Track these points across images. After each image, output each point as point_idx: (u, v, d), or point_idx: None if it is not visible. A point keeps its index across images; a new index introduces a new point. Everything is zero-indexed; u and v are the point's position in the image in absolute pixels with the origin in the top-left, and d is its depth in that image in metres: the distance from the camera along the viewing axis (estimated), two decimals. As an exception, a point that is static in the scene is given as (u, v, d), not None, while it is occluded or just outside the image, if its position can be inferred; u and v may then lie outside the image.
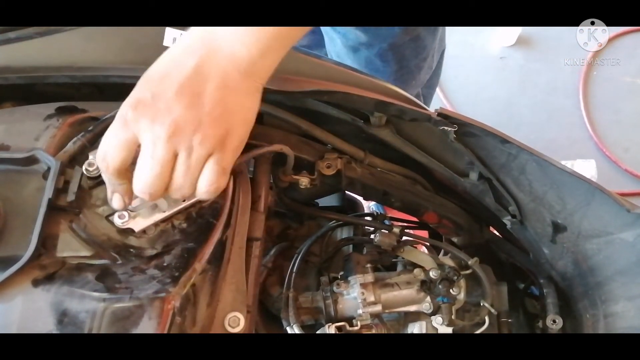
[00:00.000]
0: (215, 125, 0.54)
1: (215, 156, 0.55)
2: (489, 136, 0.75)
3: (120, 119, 0.54)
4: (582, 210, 0.77)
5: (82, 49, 0.68)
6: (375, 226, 0.92)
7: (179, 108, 0.52)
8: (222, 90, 0.54)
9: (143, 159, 0.54)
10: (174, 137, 0.52)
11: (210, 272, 0.63)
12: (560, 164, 0.75)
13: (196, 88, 0.53)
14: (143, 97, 0.53)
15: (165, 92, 0.53)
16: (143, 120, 0.52)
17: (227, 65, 0.54)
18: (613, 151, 2.15)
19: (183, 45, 0.56)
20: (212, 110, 0.54)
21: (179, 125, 0.52)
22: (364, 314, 0.79)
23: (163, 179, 0.54)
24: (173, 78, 0.53)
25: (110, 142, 0.54)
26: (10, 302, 0.53)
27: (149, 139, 0.53)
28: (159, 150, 0.53)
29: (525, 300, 0.96)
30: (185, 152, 0.53)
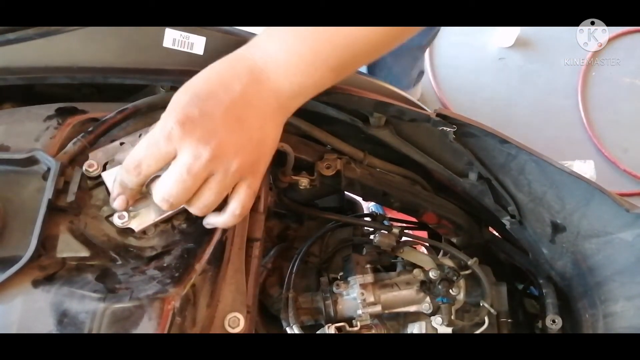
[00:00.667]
0: (252, 152, 0.56)
1: (248, 180, 0.57)
2: (488, 136, 0.75)
3: (164, 132, 0.53)
4: (581, 210, 0.77)
5: (82, 49, 0.68)
6: (375, 227, 0.92)
7: (224, 131, 0.54)
8: (262, 120, 0.57)
9: (177, 172, 0.54)
10: (215, 159, 0.54)
11: (210, 273, 0.63)
12: (559, 164, 0.75)
13: (241, 113, 0.55)
14: (191, 114, 0.53)
15: (213, 112, 0.54)
16: (189, 138, 0.53)
17: (269, 96, 0.57)
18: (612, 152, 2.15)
19: (230, 68, 0.57)
20: (252, 137, 0.56)
21: (222, 148, 0.54)
22: (363, 315, 0.79)
23: (190, 193, 0.55)
24: (221, 100, 0.54)
25: (150, 152, 0.55)
26: (10, 302, 0.53)
27: (191, 155, 0.53)
28: (197, 168, 0.53)
29: (524, 300, 0.96)
30: (222, 173, 0.55)
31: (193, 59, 0.67)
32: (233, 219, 0.58)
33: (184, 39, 0.67)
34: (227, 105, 0.54)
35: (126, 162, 0.57)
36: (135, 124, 0.68)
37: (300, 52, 0.57)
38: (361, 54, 0.60)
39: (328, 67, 0.58)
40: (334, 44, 0.57)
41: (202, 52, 0.67)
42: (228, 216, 0.58)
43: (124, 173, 0.57)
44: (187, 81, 0.56)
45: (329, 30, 0.57)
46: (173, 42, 0.67)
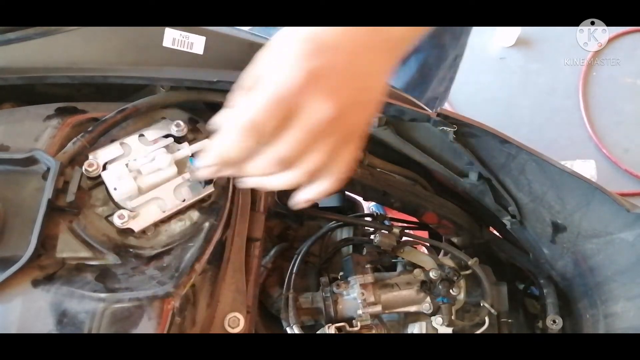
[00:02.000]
0: (368, 110, 0.51)
1: (357, 142, 0.51)
2: (488, 136, 0.75)
3: (291, 83, 0.45)
4: (581, 210, 0.77)
5: (82, 49, 0.68)
6: (375, 227, 0.92)
7: (349, 86, 0.47)
8: (380, 72, 0.50)
9: (298, 131, 0.46)
10: (338, 119, 0.47)
11: (210, 273, 0.63)
12: (560, 164, 0.75)
13: (363, 67, 0.48)
14: (319, 65, 0.45)
15: (337, 64, 0.46)
16: (316, 94, 0.45)
17: (384, 43, 0.50)
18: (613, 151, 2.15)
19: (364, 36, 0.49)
20: (371, 93, 0.50)
21: (346, 107, 0.47)
22: (364, 315, 0.79)
23: (305, 155, 0.48)
24: (345, 50, 0.47)
25: (272, 108, 0.45)
26: (10, 302, 0.53)
27: (314, 113, 0.46)
28: (320, 127, 0.46)
29: (525, 300, 0.95)
30: (340, 134, 0.48)
31: (193, 59, 0.67)
32: (336, 185, 0.51)
33: (183, 39, 0.67)
34: (352, 54, 0.47)
35: (239, 124, 0.47)
36: (135, 123, 0.68)
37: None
38: None
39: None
40: None
41: (202, 51, 0.67)
42: (332, 183, 0.51)
43: (232, 137, 0.47)
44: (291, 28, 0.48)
45: None
46: (173, 42, 0.67)
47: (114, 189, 0.61)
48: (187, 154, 0.65)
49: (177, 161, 0.64)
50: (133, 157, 0.64)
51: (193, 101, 0.71)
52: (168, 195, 0.63)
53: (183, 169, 0.65)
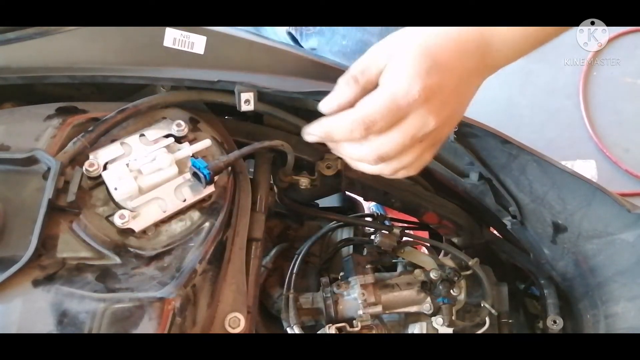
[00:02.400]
0: (455, 123, 0.60)
1: (438, 147, 0.60)
2: (489, 136, 0.75)
3: (408, 96, 0.53)
4: (582, 211, 0.77)
5: (82, 49, 0.68)
6: (376, 227, 0.92)
7: (454, 104, 0.56)
8: (473, 91, 0.59)
9: (403, 136, 0.55)
10: (437, 130, 0.55)
11: (210, 273, 0.63)
12: (561, 165, 0.75)
13: (466, 88, 0.57)
14: (433, 83, 0.53)
15: (448, 84, 0.54)
16: (426, 107, 0.53)
17: (488, 68, 0.58)
18: (613, 152, 2.15)
19: (464, 35, 0.56)
20: (463, 109, 0.59)
21: (445, 121, 0.56)
22: (364, 315, 0.79)
23: (401, 154, 0.57)
24: (454, 71, 0.54)
25: (388, 112, 0.54)
26: (10, 302, 0.53)
27: (420, 122, 0.54)
28: (421, 136, 0.55)
29: (525, 300, 0.95)
30: (431, 141, 0.58)
31: (193, 59, 0.67)
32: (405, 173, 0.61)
33: (184, 39, 0.66)
34: (459, 78, 0.55)
35: (353, 116, 0.55)
36: (135, 123, 0.67)
37: (526, 33, 0.57)
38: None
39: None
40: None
41: (202, 51, 0.67)
42: (407, 175, 0.61)
43: (344, 124, 0.56)
44: (407, 34, 0.55)
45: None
46: (173, 42, 0.67)
47: (115, 188, 0.61)
48: (187, 154, 0.65)
49: (177, 161, 0.64)
50: (134, 157, 0.64)
51: (194, 101, 0.71)
52: (169, 195, 0.63)
53: (184, 169, 0.65)
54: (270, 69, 0.70)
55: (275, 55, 0.72)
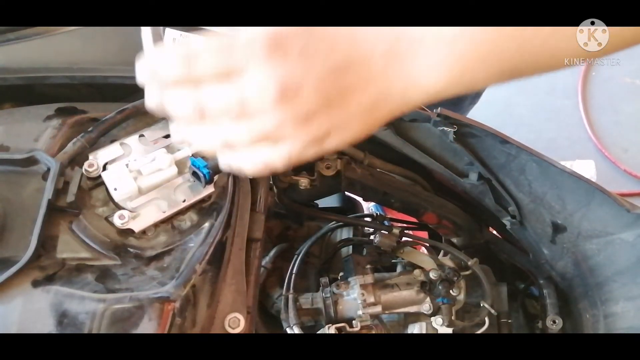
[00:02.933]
0: (320, 132, 0.44)
1: (287, 147, 0.44)
2: (488, 136, 0.75)
3: (248, 41, 0.41)
4: (581, 211, 0.77)
5: (81, 49, 0.68)
6: (375, 227, 0.92)
7: (313, 89, 0.41)
8: (369, 107, 0.44)
9: (232, 95, 0.41)
10: (277, 107, 0.41)
11: (210, 273, 0.63)
12: (560, 165, 0.75)
13: (351, 83, 0.42)
14: (290, 44, 0.41)
15: (316, 58, 0.41)
16: (268, 65, 0.40)
17: (400, 82, 0.43)
18: (612, 152, 2.15)
19: (373, 31, 0.42)
20: (340, 119, 0.44)
21: (297, 106, 0.41)
22: (364, 315, 0.79)
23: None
24: (338, 50, 0.42)
25: (217, 51, 0.41)
26: (9, 303, 0.53)
27: (257, 85, 0.41)
28: (255, 106, 0.41)
29: (525, 300, 0.95)
30: (271, 125, 0.42)
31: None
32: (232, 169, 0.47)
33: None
34: (339, 64, 0.42)
35: (176, 47, 0.43)
36: (135, 124, 0.68)
37: (475, 38, 0.43)
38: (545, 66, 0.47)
39: (499, 69, 0.44)
40: (520, 43, 0.44)
41: (202, 52, 0.67)
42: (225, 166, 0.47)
43: (168, 53, 0.43)
44: None
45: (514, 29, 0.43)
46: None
47: (114, 189, 0.61)
48: (187, 154, 0.65)
49: (177, 161, 0.64)
50: (133, 158, 0.64)
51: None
52: (168, 196, 0.63)
53: (183, 170, 0.65)
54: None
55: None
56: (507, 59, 0.44)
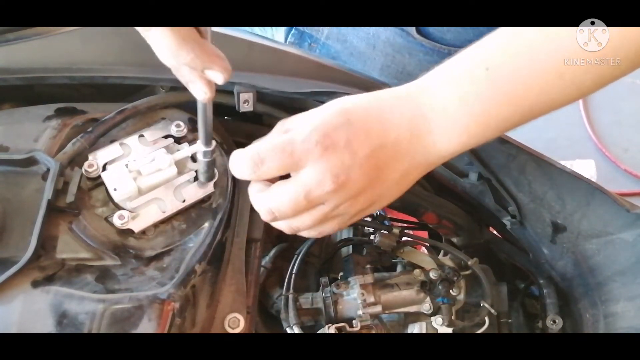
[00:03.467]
0: (369, 202, 0.54)
1: (345, 218, 0.56)
2: (488, 136, 0.75)
3: (305, 144, 0.50)
4: (581, 211, 0.77)
5: (81, 50, 0.68)
6: (375, 227, 0.92)
7: (358, 173, 0.51)
8: (401, 176, 0.54)
9: (295, 191, 0.52)
10: (335, 195, 0.52)
11: (210, 273, 0.63)
12: (560, 164, 0.75)
13: (383, 163, 0.52)
14: (337, 141, 0.50)
15: (358, 148, 0.50)
16: (323, 163, 0.50)
17: (421, 153, 0.53)
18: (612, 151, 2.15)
19: (395, 106, 0.53)
20: (381, 191, 0.54)
21: (347, 190, 0.51)
22: (364, 315, 0.79)
23: (295, 215, 0.54)
24: (371, 139, 0.51)
25: (279, 155, 0.51)
26: (9, 303, 0.53)
27: (316, 180, 0.51)
28: (315, 196, 0.51)
29: (525, 300, 0.95)
30: (331, 209, 0.53)
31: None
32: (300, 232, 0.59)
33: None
34: (375, 148, 0.51)
35: (248, 151, 0.52)
36: (134, 124, 0.68)
37: (473, 111, 0.51)
38: (538, 115, 0.55)
39: (498, 129, 0.54)
40: (514, 107, 0.52)
41: (201, 52, 0.67)
42: (308, 233, 0.59)
43: (239, 159, 0.53)
44: (342, 96, 0.54)
45: (509, 85, 0.51)
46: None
47: (114, 189, 0.61)
48: (187, 155, 0.65)
49: (177, 162, 0.64)
50: (133, 158, 0.64)
51: (193, 102, 0.71)
52: (168, 196, 0.63)
53: (183, 170, 0.65)
54: (269, 69, 0.70)
55: (275, 56, 0.72)
56: (504, 121, 0.53)
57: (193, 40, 0.50)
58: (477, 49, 0.53)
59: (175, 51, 0.50)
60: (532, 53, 0.50)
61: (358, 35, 1.08)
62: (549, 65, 0.50)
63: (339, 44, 1.11)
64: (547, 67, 0.50)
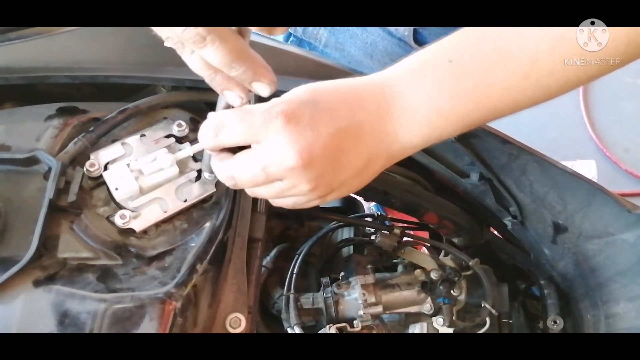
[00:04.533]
0: (329, 188, 0.53)
1: (305, 198, 0.54)
2: (489, 136, 0.75)
3: (266, 115, 0.49)
4: (583, 211, 0.77)
5: (83, 49, 0.68)
6: (376, 227, 0.92)
7: (320, 152, 0.50)
8: (363, 162, 0.52)
9: (255, 163, 0.51)
10: (294, 172, 0.50)
11: (211, 273, 0.63)
12: (561, 165, 0.75)
13: (347, 145, 0.51)
14: (301, 116, 0.49)
15: (321, 127, 0.50)
16: (284, 137, 0.49)
17: (384, 140, 0.52)
18: (613, 151, 2.14)
19: (362, 91, 0.53)
20: (341, 175, 0.52)
21: (307, 167, 0.50)
22: (365, 315, 0.79)
23: (255, 186, 0.54)
24: (336, 119, 0.50)
25: (240, 124, 0.50)
26: (11, 303, 0.53)
27: (276, 154, 0.50)
28: (274, 171, 0.51)
29: (526, 300, 0.95)
30: (290, 186, 0.52)
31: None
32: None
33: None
34: (338, 129, 0.50)
35: (209, 120, 0.53)
36: (136, 123, 0.68)
37: (437, 104, 0.51)
38: (501, 114, 0.54)
39: (460, 124, 0.53)
40: (476, 103, 0.51)
41: (203, 52, 0.67)
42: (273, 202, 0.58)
43: (203, 126, 0.53)
44: None
45: (472, 80, 0.50)
46: None
47: (116, 189, 0.61)
48: (188, 154, 0.65)
49: (178, 161, 0.64)
50: (134, 157, 0.64)
51: (194, 101, 0.71)
52: (169, 196, 0.63)
53: (185, 169, 0.65)
54: (270, 69, 0.70)
55: (275, 55, 0.72)
56: (465, 116, 0.52)
57: (246, 53, 0.50)
58: (443, 42, 0.52)
59: (228, 64, 0.49)
60: (498, 51, 0.50)
61: (356, 44, 1.08)
62: (515, 64, 0.49)
63: (337, 52, 1.11)
64: (513, 67, 0.49)
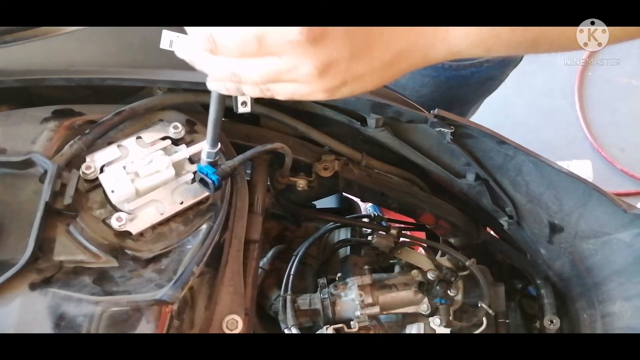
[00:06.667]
0: (346, 77, 0.44)
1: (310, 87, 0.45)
2: (485, 137, 0.75)
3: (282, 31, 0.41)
4: (579, 211, 0.77)
5: (79, 51, 0.67)
6: (373, 228, 0.92)
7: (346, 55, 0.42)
8: (392, 61, 0.45)
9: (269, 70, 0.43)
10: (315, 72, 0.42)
11: (208, 275, 0.63)
12: (557, 165, 0.75)
13: (375, 36, 0.43)
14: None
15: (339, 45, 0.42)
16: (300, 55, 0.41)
17: (426, 41, 0.45)
18: (609, 151, 2.15)
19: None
20: (364, 78, 0.45)
21: (328, 67, 0.42)
22: (362, 316, 0.79)
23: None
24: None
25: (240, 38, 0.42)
26: (7, 306, 0.53)
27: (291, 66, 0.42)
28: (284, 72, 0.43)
29: (522, 300, 0.96)
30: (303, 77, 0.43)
31: (190, 61, 0.67)
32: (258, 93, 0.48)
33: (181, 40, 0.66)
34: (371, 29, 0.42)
35: (207, 30, 0.44)
36: (132, 126, 0.67)
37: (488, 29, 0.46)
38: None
39: (506, 44, 0.47)
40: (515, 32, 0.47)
41: (199, 53, 0.67)
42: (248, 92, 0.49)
43: (190, 37, 0.46)
44: None
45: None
46: (170, 44, 0.67)
47: (112, 191, 0.61)
48: (184, 156, 0.65)
49: (174, 163, 0.64)
50: (130, 160, 0.64)
51: (190, 103, 0.71)
52: (166, 198, 0.63)
53: (181, 171, 0.65)
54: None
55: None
56: (518, 34, 0.46)
57: None
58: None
59: None
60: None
61: None
62: None
63: None
64: None
